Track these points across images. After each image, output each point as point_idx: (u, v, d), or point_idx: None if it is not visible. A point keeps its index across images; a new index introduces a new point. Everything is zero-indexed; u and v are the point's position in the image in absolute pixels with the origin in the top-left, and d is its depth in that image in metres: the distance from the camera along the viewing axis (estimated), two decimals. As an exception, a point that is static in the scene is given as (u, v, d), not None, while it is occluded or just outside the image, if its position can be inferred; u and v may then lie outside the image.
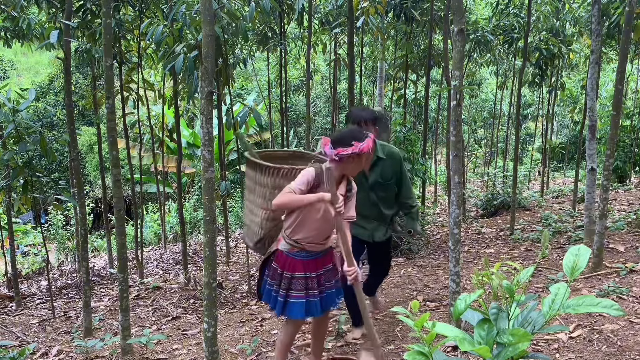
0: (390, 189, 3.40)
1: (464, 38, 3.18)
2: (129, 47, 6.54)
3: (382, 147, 3.36)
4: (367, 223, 3.41)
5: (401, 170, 3.39)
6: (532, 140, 18.41)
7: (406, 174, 3.44)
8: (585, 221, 5.04)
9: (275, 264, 2.68)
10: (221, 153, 6.59)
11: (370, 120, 3.29)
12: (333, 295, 2.78)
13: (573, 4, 8.88)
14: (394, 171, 3.36)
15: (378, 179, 3.34)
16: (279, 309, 2.66)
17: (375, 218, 3.42)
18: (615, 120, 4.36)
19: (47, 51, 12.77)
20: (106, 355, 3.74)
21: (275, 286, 2.67)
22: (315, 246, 2.65)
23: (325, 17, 7.88)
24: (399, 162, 3.38)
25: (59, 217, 9.84)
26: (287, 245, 2.65)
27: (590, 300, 1.40)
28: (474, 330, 1.48)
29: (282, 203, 2.50)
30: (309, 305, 2.66)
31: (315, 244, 2.65)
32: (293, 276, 2.63)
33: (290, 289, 2.64)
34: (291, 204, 2.51)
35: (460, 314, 1.49)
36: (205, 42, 2.51)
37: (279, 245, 2.69)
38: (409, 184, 3.50)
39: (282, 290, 2.64)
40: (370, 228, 3.42)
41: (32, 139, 4.14)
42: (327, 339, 3.46)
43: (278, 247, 2.69)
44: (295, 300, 2.63)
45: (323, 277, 2.73)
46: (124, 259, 3.55)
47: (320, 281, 2.71)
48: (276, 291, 2.66)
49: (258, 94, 15.84)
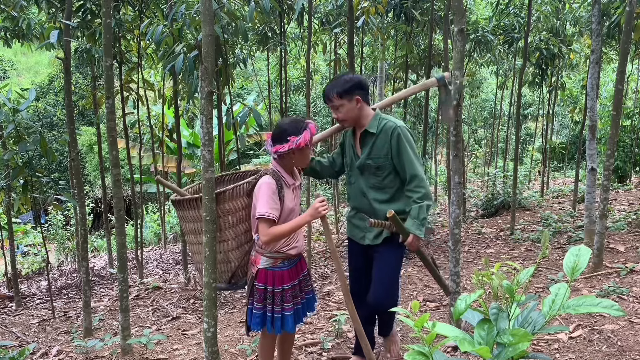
0: (383, 174, 2.70)
1: (464, 38, 3.17)
2: (129, 47, 6.54)
3: (380, 119, 2.71)
4: (360, 220, 2.84)
5: (399, 149, 2.63)
6: (532, 140, 18.41)
7: (409, 155, 2.63)
8: (586, 221, 5.04)
9: (259, 285, 2.53)
10: (221, 153, 6.58)
11: (338, 94, 2.65)
12: (311, 301, 2.74)
13: (573, 4, 8.88)
14: (387, 150, 2.66)
15: (365, 159, 2.72)
16: (278, 326, 2.53)
17: (367, 212, 2.77)
18: (616, 120, 4.36)
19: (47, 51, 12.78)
20: (106, 355, 3.74)
21: (267, 306, 2.53)
22: (296, 246, 2.58)
23: (325, 17, 7.87)
24: (396, 138, 2.63)
25: (59, 217, 9.83)
26: (269, 260, 2.52)
27: (590, 300, 1.39)
28: (474, 330, 1.48)
29: (274, 238, 2.40)
30: (297, 314, 2.59)
31: (296, 243, 2.58)
32: (284, 288, 2.53)
33: (283, 303, 2.54)
34: (281, 237, 2.43)
35: (460, 314, 1.48)
36: (205, 42, 2.51)
37: (259, 265, 2.54)
38: (415, 168, 2.63)
39: (277, 307, 2.53)
40: (363, 227, 2.82)
41: (32, 139, 4.14)
42: (327, 339, 3.46)
43: (258, 267, 2.54)
44: (288, 313, 2.55)
45: (302, 283, 2.68)
46: (124, 259, 3.55)
47: (301, 287, 2.66)
48: (270, 310, 2.53)
49: (258, 94, 15.85)
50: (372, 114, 2.76)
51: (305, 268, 2.72)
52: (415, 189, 2.64)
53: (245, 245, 2.66)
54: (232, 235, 2.62)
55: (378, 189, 2.73)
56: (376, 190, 2.74)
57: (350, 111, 2.69)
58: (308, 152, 2.53)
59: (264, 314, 2.54)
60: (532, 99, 17.46)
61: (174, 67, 4.25)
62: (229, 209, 2.56)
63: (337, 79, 2.73)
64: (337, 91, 2.66)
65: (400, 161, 2.65)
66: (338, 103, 2.67)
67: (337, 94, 2.66)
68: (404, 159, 2.63)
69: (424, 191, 2.63)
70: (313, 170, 2.99)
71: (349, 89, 2.65)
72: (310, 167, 2.91)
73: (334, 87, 2.68)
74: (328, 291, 4.93)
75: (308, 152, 2.53)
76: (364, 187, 2.77)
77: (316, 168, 2.98)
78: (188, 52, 4.25)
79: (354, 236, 2.91)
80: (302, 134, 2.41)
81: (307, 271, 2.74)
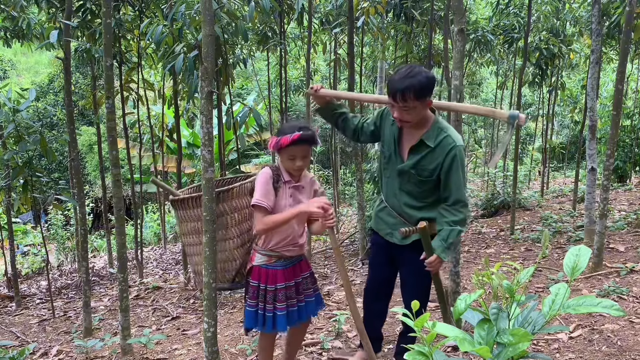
0: (424, 187, 2.52)
1: (464, 38, 3.17)
2: (129, 47, 6.54)
3: (439, 130, 2.44)
4: (389, 216, 2.67)
5: (450, 170, 2.41)
6: (532, 140, 18.39)
7: (458, 178, 2.43)
8: (586, 221, 5.04)
9: (253, 282, 2.52)
10: (221, 153, 6.59)
11: (416, 95, 2.28)
12: (313, 305, 2.69)
13: (573, 4, 8.88)
14: (436, 167, 2.44)
15: (410, 167, 2.50)
16: (269, 326, 2.51)
17: (397, 211, 2.62)
18: (616, 120, 4.36)
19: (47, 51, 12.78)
20: (106, 355, 3.74)
21: (260, 304, 2.51)
22: (292, 249, 2.53)
23: (325, 17, 7.87)
24: (451, 159, 2.39)
25: (59, 217, 9.83)
26: (263, 257, 2.51)
27: (590, 300, 1.39)
28: (474, 330, 1.47)
29: (268, 227, 2.38)
30: (290, 316, 2.55)
31: (292, 246, 2.53)
32: (277, 288, 2.50)
33: (276, 302, 2.50)
34: (275, 226, 2.39)
35: (460, 314, 1.48)
36: (205, 42, 2.51)
37: (254, 262, 2.54)
38: (460, 193, 2.45)
39: (269, 305, 2.50)
40: (392, 224, 2.65)
41: (32, 138, 4.14)
42: (327, 339, 3.46)
43: (253, 263, 2.54)
44: (280, 312, 2.51)
45: (301, 285, 2.63)
46: (124, 259, 3.55)
47: (299, 289, 2.61)
48: (262, 308, 2.50)
49: (258, 94, 15.84)
50: (431, 119, 2.47)
51: (306, 270, 2.67)
52: (454, 212, 2.46)
53: (247, 243, 2.67)
54: (237, 233, 2.65)
55: (413, 196, 2.57)
56: (410, 197, 2.57)
57: (420, 114, 2.39)
58: (289, 157, 2.40)
59: (257, 312, 2.52)
60: (532, 99, 17.46)
61: (174, 67, 4.25)
62: (235, 206, 2.60)
63: (411, 74, 2.31)
64: (416, 92, 2.28)
65: (447, 182, 2.44)
66: (412, 105, 2.31)
67: (415, 95, 2.28)
68: (452, 180, 2.43)
69: (462, 217, 2.46)
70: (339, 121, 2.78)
71: (428, 89, 2.31)
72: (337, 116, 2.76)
73: (412, 86, 2.28)
74: (328, 291, 4.93)
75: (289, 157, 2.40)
76: (398, 188, 2.59)
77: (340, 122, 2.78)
78: (188, 52, 4.25)
79: (380, 230, 2.74)
80: (281, 137, 2.34)
81: (309, 274, 2.68)
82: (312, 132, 2.40)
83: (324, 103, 2.77)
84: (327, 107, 2.79)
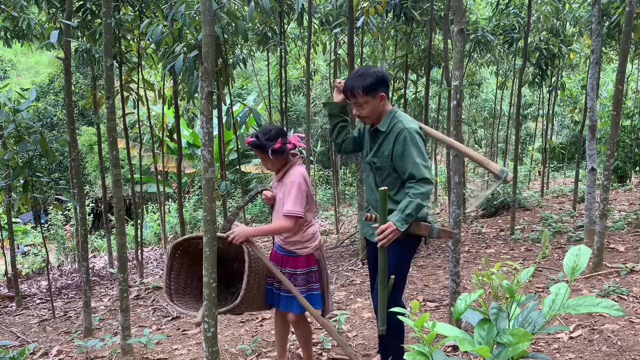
0: (383, 174, 2.61)
1: (464, 38, 3.17)
2: (129, 47, 6.54)
3: (392, 118, 2.59)
4: None
5: (403, 152, 2.49)
6: (532, 140, 18.40)
7: (413, 157, 2.46)
8: (586, 221, 5.04)
9: (314, 268, 2.87)
10: (221, 153, 6.59)
11: (363, 91, 2.51)
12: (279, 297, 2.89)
13: (573, 4, 8.88)
14: (390, 152, 2.55)
15: (372, 156, 2.64)
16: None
17: (374, 209, 2.66)
18: (616, 120, 4.36)
19: (47, 51, 12.77)
20: (106, 355, 3.74)
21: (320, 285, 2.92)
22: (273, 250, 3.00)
23: (325, 17, 7.87)
24: (402, 142, 2.49)
25: (59, 217, 9.83)
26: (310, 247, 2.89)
27: (590, 300, 1.39)
28: (474, 330, 1.48)
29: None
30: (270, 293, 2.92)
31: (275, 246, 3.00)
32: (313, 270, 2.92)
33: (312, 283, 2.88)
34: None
35: (460, 314, 1.49)
36: (205, 42, 2.51)
37: (306, 252, 2.84)
38: (418, 170, 2.46)
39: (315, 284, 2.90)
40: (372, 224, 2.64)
41: (33, 139, 4.15)
42: (327, 339, 3.46)
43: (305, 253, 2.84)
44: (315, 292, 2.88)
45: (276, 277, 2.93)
46: (124, 259, 3.55)
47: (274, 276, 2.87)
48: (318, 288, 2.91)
49: (258, 94, 15.84)
50: (389, 111, 2.64)
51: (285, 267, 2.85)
52: (413, 185, 2.45)
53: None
54: None
55: (382, 185, 2.59)
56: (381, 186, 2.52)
57: (374, 109, 2.57)
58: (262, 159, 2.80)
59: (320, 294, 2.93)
60: (532, 99, 17.46)
61: (174, 67, 4.26)
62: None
63: (360, 73, 2.55)
64: (363, 87, 2.50)
65: (402, 162, 2.49)
66: (362, 100, 2.53)
67: (362, 91, 2.50)
68: (406, 159, 2.47)
69: (422, 190, 2.43)
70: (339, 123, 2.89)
71: (375, 85, 2.51)
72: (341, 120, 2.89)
73: (358, 82, 2.51)
74: (328, 291, 4.92)
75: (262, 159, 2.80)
76: (374, 184, 2.68)
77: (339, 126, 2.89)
78: (188, 52, 4.25)
79: (365, 233, 2.83)
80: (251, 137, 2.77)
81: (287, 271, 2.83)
82: (256, 141, 2.71)
83: (342, 100, 2.80)
84: (341, 106, 2.84)
